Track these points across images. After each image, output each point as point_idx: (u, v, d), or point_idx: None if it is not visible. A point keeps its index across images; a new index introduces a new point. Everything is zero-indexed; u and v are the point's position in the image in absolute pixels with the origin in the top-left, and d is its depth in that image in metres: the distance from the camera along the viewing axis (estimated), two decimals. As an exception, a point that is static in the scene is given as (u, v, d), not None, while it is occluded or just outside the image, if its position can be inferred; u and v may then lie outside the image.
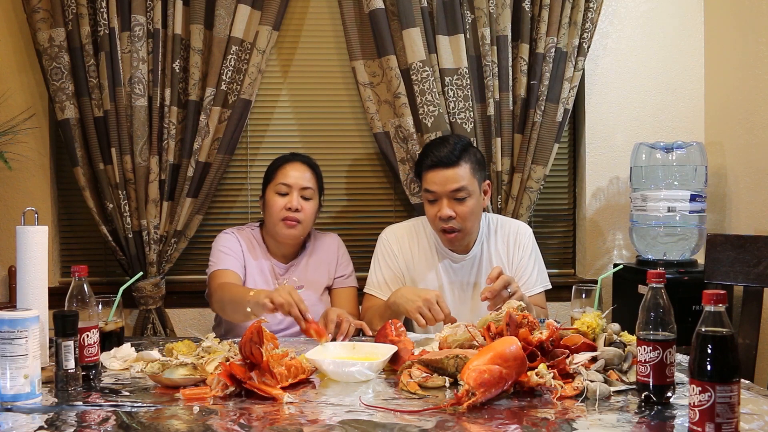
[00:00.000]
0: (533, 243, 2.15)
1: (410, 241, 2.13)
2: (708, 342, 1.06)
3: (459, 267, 2.10)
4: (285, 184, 2.09)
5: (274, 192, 2.10)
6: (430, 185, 1.98)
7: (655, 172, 2.45)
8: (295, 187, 2.09)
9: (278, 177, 2.11)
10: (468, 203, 1.97)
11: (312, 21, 2.65)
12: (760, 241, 1.95)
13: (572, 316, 1.64)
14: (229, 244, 2.13)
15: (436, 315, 1.74)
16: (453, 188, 1.95)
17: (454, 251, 2.10)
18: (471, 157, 2.00)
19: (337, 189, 2.69)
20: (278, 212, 2.08)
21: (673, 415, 1.21)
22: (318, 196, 2.16)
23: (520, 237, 2.12)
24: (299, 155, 2.19)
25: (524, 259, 2.09)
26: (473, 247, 2.10)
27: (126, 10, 2.39)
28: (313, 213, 2.14)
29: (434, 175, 1.97)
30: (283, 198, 2.09)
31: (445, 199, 1.96)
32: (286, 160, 2.15)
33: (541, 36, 2.48)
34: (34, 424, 1.19)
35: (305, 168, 2.14)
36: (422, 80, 2.42)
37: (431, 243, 2.12)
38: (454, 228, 1.98)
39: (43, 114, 2.54)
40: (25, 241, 1.50)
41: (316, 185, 2.14)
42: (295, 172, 2.11)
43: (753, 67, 2.39)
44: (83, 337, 1.43)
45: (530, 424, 1.18)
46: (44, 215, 2.51)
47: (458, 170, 1.95)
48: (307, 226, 2.12)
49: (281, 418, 1.22)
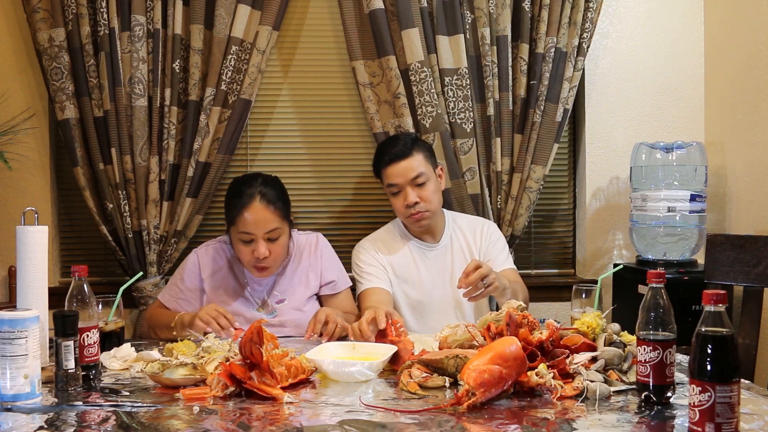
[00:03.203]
0: (500, 234, 2.30)
1: (383, 242, 2.25)
2: (708, 342, 1.06)
3: (434, 255, 2.22)
4: (247, 232, 1.95)
5: (238, 239, 1.98)
6: (392, 179, 2.14)
7: (655, 172, 2.45)
8: (258, 234, 1.94)
9: (239, 225, 1.95)
10: (428, 187, 2.14)
11: (312, 21, 2.65)
12: (760, 241, 1.95)
13: (572, 316, 1.64)
14: (186, 273, 2.10)
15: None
16: (413, 176, 2.12)
17: (425, 238, 2.23)
18: (421, 147, 2.18)
19: (336, 189, 2.69)
20: (247, 260, 1.99)
21: (673, 415, 1.21)
22: (287, 224, 2.02)
23: (486, 228, 2.27)
24: (255, 187, 1.97)
25: (491, 245, 2.23)
26: (443, 236, 2.24)
27: (126, 10, 2.39)
28: (285, 245, 2.02)
29: (393, 169, 2.14)
30: (248, 246, 1.96)
31: (408, 187, 2.13)
32: (243, 204, 1.94)
33: (541, 36, 2.48)
34: (34, 424, 1.19)
35: (265, 209, 1.94)
36: (421, 80, 2.42)
37: (402, 237, 2.25)
38: (421, 210, 2.13)
39: (43, 114, 2.54)
40: (25, 241, 1.50)
41: (281, 219, 1.98)
42: (254, 217, 1.94)
43: (753, 67, 2.39)
44: (83, 337, 1.43)
45: (530, 424, 1.18)
46: (44, 215, 2.51)
47: (413, 160, 2.13)
48: (281, 262, 2.06)
49: (281, 418, 1.22)
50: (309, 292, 2.12)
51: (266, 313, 2.07)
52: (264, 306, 2.08)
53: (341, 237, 2.57)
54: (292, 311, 2.07)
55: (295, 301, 2.09)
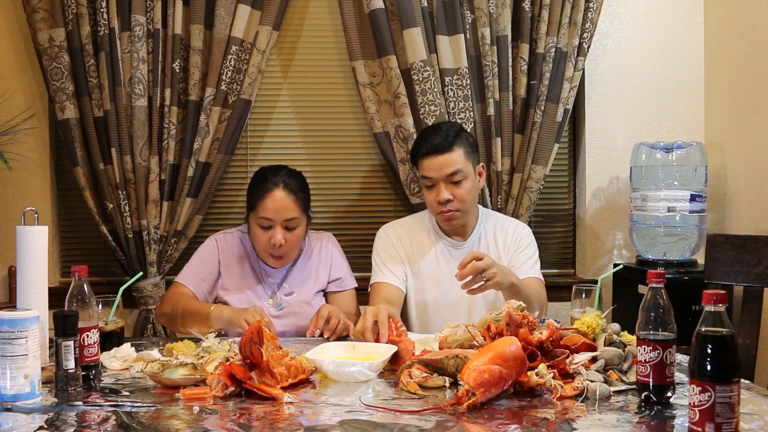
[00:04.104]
0: (531, 240, 2.18)
1: (408, 232, 2.19)
2: (708, 342, 1.06)
3: (458, 253, 2.13)
4: (266, 218, 2.00)
5: (257, 224, 2.03)
6: (427, 172, 2.05)
7: (655, 172, 2.45)
8: (277, 221, 1.99)
9: (259, 210, 2.01)
10: (464, 185, 2.04)
11: (312, 21, 2.65)
12: (760, 241, 1.95)
13: (572, 316, 1.64)
14: (205, 255, 2.13)
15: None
16: (448, 172, 2.02)
17: (453, 236, 2.15)
18: (464, 141, 2.07)
19: (337, 189, 2.69)
20: (263, 246, 2.03)
21: (673, 415, 1.21)
22: (305, 217, 2.08)
23: (519, 231, 2.17)
24: (279, 176, 2.03)
25: (519, 250, 2.13)
26: (471, 234, 2.15)
27: (126, 10, 2.39)
28: (301, 237, 2.07)
29: (430, 161, 2.04)
30: (266, 232, 2.01)
31: (441, 183, 2.04)
32: (267, 189, 2.01)
33: (541, 36, 2.48)
34: (34, 424, 1.19)
35: (287, 197, 2.00)
36: (423, 80, 2.42)
37: (430, 232, 2.18)
38: (452, 210, 2.05)
39: (43, 114, 2.54)
40: (25, 241, 1.50)
41: (300, 210, 2.03)
42: (275, 204, 1.99)
43: (753, 67, 2.39)
44: (83, 337, 1.43)
45: (530, 424, 1.18)
46: (44, 215, 2.51)
47: (452, 155, 2.03)
48: (294, 255, 2.10)
49: (281, 418, 1.22)
50: (317, 287, 2.16)
51: (275, 304, 2.11)
52: (273, 297, 2.12)
53: (341, 237, 2.55)
54: (300, 304, 2.11)
55: (304, 295, 2.13)
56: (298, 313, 2.09)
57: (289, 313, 2.10)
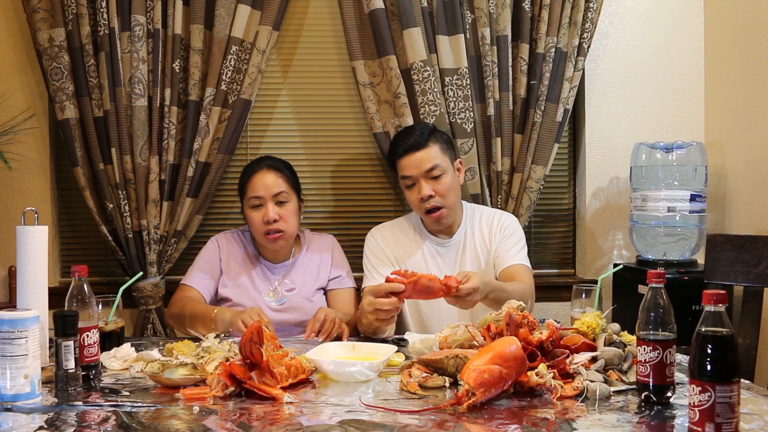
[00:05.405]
0: (516, 228, 2.18)
1: (393, 233, 2.21)
2: (708, 342, 1.06)
3: (444, 251, 2.16)
4: (256, 197, 2.07)
5: (249, 207, 2.09)
6: (406, 171, 2.08)
7: (655, 172, 2.45)
8: (267, 197, 2.06)
9: (248, 191, 2.09)
10: (444, 180, 2.06)
11: (312, 21, 2.65)
12: (760, 241, 1.95)
13: (572, 316, 1.64)
14: (207, 255, 2.18)
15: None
16: (427, 168, 2.05)
17: (439, 234, 2.17)
18: (438, 138, 2.10)
19: (337, 189, 2.69)
20: (259, 227, 2.08)
21: (673, 415, 1.22)
22: (296, 195, 2.14)
23: (503, 220, 2.18)
24: (264, 160, 2.15)
25: (504, 239, 2.13)
26: (457, 231, 2.17)
27: (126, 10, 2.39)
28: (294, 213, 2.12)
29: (407, 160, 2.07)
30: (258, 211, 2.07)
31: (422, 180, 2.06)
32: (253, 171, 2.11)
33: (541, 36, 2.48)
34: (34, 424, 1.19)
35: (272, 173, 2.10)
36: (423, 80, 2.42)
37: (416, 231, 2.21)
38: (437, 206, 2.07)
39: (43, 114, 2.54)
40: (25, 241, 1.50)
41: (289, 186, 2.11)
42: (262, 181, 2.08)
43: (753, 67, 2.39)
44: (83, 337, 1.43)
45: (530, 424, 1.18)
46: (44, 215, 2.51)
47: (429, 150, 2.06)
48: (292, 232, 2.12)
49: (281, 418, 1.22)
50: (318, 284, 2.19)
51: (276, 299, 2.14)
52: (274, 293, 2.15)
53: (341, 237, 2.55)
54: (301, 300, 2.14)
55: (305, 291, 2.16)
56: (298, 308, 2.12)
57: (290, 308, 2.13)
